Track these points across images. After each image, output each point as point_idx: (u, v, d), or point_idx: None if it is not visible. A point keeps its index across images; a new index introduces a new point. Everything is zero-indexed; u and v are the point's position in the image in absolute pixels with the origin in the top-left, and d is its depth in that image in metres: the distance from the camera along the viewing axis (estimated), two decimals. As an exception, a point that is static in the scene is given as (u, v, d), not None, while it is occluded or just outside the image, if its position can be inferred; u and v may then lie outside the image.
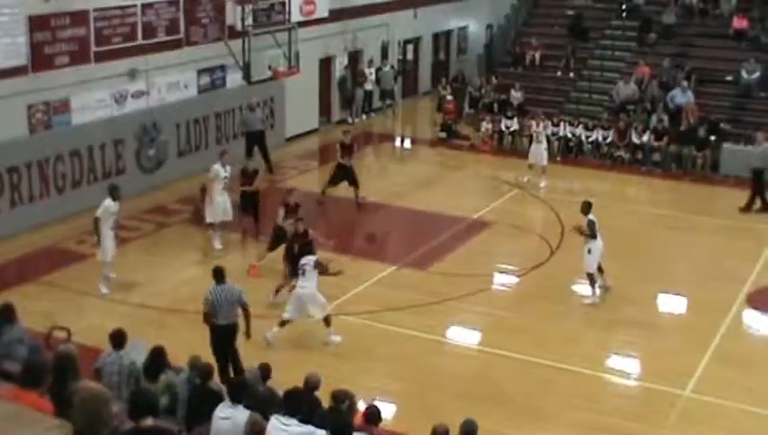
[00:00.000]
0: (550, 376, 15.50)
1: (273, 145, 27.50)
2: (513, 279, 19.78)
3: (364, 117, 33.14)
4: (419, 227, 22.73)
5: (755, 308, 18.52)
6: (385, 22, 34.02)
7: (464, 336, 17.05)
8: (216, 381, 11.45)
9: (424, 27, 36.97)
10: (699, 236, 22.72)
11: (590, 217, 18.06)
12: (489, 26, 39.75)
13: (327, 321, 16.18)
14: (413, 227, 23.05)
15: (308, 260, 16.06)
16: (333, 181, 23.40)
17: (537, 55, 34.34)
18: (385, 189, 25.29)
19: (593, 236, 17.89)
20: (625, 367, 16.00)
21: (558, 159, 28.81)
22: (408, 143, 32.90)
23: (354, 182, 23.20)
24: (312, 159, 28.91)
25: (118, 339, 11.69)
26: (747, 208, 24.28)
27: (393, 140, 32.71)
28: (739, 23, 32.88)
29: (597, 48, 34.53)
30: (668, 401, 14.81)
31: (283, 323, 16.11)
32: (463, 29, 40.07)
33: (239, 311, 14.39)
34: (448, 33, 39.34)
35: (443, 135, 31.21)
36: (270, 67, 25.76)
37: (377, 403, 11.10)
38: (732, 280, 19.55)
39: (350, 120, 32.47)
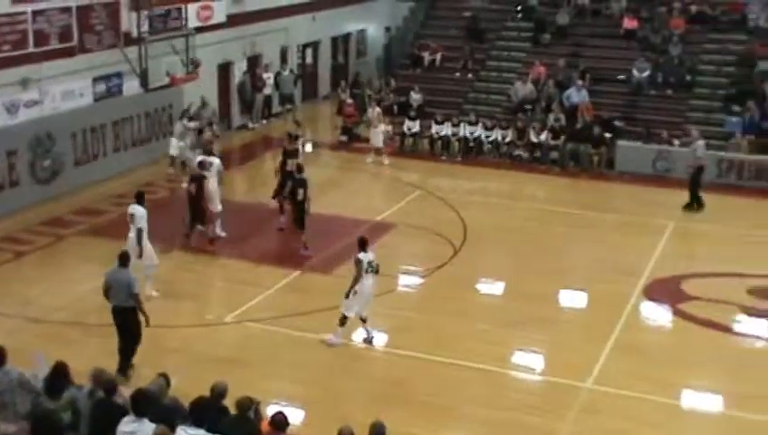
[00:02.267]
0: (455, 375, 15.67)
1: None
2: (418, 280, 19.94)
3: (264, 122, 33.03)
4: (323, 231, 22.71)
5: (652, 300, 19.01)
6: (283, 26, 34.00)
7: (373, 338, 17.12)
8: (121, 394, 11.30)
9: (322, 31, 37.02)
10: (597, 232, 23.18)
11: (359, 255, 16.46)
12: (387, 29, 40.00)
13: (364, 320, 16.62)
14: (316, 231, 23.03)
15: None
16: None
17: (436, 57, 34.67)
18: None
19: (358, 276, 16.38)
20: (528, 363, 16.27)
21: (458, 158, 29.18)
22: (309, 147, 32.85)
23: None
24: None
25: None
26: (697, 207, 24.70)
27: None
28: (629, 23, 33.71)
29: (494, 49, 35.04)
30: (571, 393, 15.12)
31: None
32: (361, 32, 40.27)
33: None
34: (347, 37, 39.47)
35: (344, 138, 31.31)
36: (168, 73, 25.53)
37: (283, 410, 11.06)
38: (629, 274, 20.04)
39: (250, 124, 32.37)
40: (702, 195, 24.76)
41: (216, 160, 21.20)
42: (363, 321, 16.66)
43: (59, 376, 11.32)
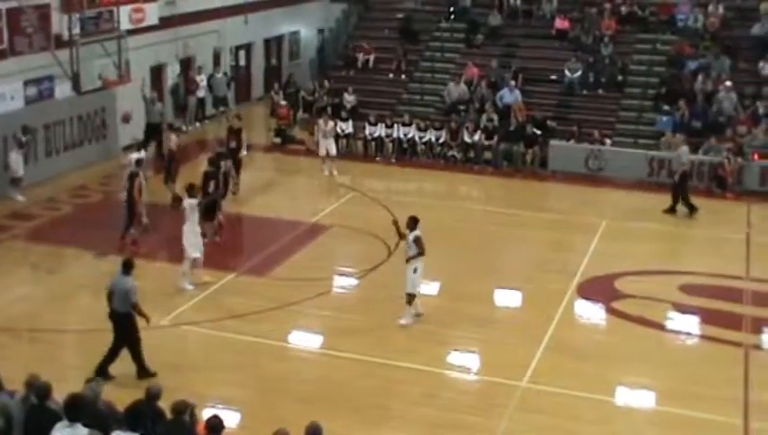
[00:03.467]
0: (392, 375, 15.73)
1: (105, 156, 27.07)
2: (353, 281, 20.00)
3: (198, 124, 32.85)
4: (258, 234, 22.73)
5: (585, 298, 19.26)
6: (216, 28, 33.84)
7: (305, 340, 17.13)
8: (54, 400, 11.18)
9: (255, 33, 36.91)
10: (531, 232, 23.43)
11: (417, 232, 17.55)
12: (321, 31, 39.99)
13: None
14: (251, 234, 23.05)
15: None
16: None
17: (370, 58, 34.74)
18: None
19: (421, 253, 17.47)
20: (463, 362, 16.41)
21: (392, 160, 29.29)
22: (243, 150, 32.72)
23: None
24: (146, 167, 28.40)
25: None
26: (672, 211, 24.78)
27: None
28: (561, 23, 34.10)
29: (427, 50, 35.20)
30: (506, 392, 15.26)
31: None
32: (294, 34, 40.21)
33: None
34: (280, 39, 39.38)
35: (277, 140, 31.27)
36: (100, 76, 25.30)
37: (219, 413, 11.04)
38: (562, 273, 20.29)
39: (183, 127, 32.14)
40: (691, 198, 24.90)
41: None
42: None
43: None
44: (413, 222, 17.52)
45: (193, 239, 18.86)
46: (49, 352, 16.08)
